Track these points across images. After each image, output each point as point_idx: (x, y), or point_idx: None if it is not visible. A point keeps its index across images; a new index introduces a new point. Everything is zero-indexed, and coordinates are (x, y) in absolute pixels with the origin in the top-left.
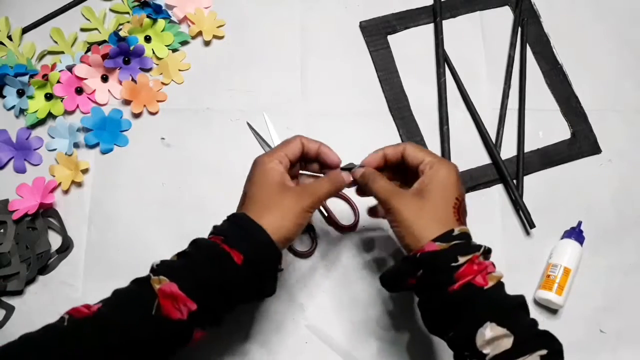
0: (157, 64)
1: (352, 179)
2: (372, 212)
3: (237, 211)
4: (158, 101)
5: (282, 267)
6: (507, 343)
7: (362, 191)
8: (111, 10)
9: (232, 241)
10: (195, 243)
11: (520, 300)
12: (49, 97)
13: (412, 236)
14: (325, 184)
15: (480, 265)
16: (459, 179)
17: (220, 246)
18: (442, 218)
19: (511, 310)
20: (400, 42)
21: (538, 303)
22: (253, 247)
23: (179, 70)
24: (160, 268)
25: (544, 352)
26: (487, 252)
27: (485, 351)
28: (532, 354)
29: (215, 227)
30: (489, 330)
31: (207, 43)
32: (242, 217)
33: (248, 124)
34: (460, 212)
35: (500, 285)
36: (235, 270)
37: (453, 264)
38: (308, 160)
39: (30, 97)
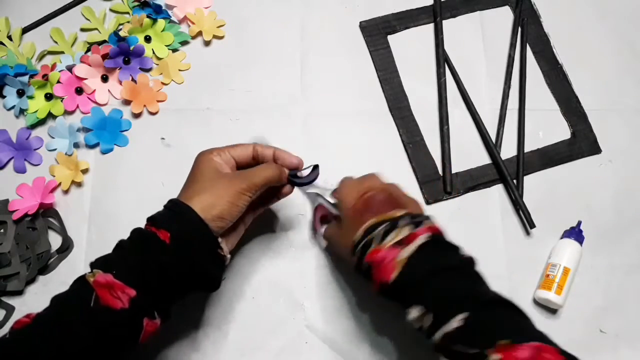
0: (157, 64)
1: (286, 174)
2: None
3: None
4: (158, 101)
5: (225, 253)
6: (428, 319)
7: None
8: (111, 10)
9: (159, 223)
10: (129, 235)
11: (435, 265)
12: (49, 97)
13: (347, 258)
14: (262, 172)
15: (377, 261)
16: (360, 182)
17: (148, 229)
18: (349, 233)
19: (424, 285)
20: (400, 42)
21: (538, 303)
22: (179, 224)
23: (179, 70)
24: (95, 264)
25: (464, 315)
26: (394, 226)
27: (426, 332)
28: (449, 322)
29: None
30: (410, 314)
31: (207, 43)
32: (170, 201)
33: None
34: (364, 210)
35: (406, 265)
36: (163, 248)
37: (366, 270)
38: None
39: (30, 97)
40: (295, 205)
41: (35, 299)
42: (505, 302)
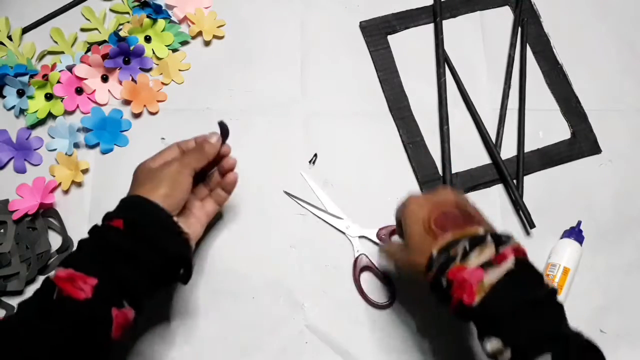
0: (157, 64)
1: (219, 142)
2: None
3: None
4: (158, 101)
5: (187, 232)
6: (507, 355)
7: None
8: (111, 10)
9: (112, 214)
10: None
11: (523, 301)
12: (49, 97)
13: (418, 276)
14: (190, 151)
15: (462, 280)
16: (422, 201)
17: (102, 223)
18: (422, 249)
19: (506, 319)
20: (400, 42)
21: None
22: (130, 210)
23: (179, 70)
24: (58, 264)
25: (545, 357)
26: (477, 242)
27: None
28: None
29: None
30: (489, 345)
31: (207, 43)
32: (123, 198)
33: (285, 192)
34: (439, 225)
35: (492, 292)
36: (118, 234)
37: (445, 287)
38: (207, 167)
39: (31, 97)
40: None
41: None
42: (594, 349)
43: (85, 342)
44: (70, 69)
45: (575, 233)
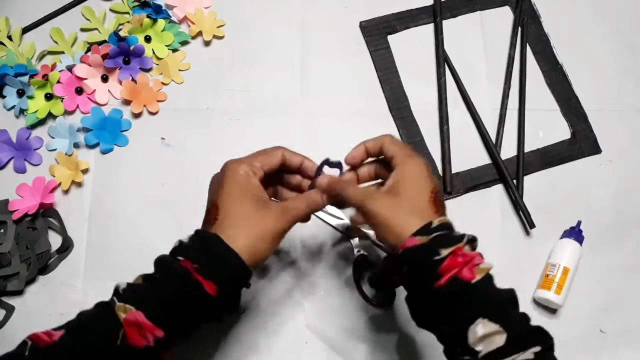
0: (157, 64)
1: (324, 200)
2: (353, 220)
3: (205, 225)
4: (158, 101)
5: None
6: (500, 340)
7: (337, 203)
8: (111, 10)
9: (206, 271)
10: (163, 265)
11: (511, 295)
12: (49, 97)
13: (393, 234)
14: (302, 204)
15: (465, 257)
16: (431, 172)
17: (193, 276)
18: (419, 211)
19: (502, 305)
20: (400, 42)
21: (537, 303)
22: (228, 278)
23: (179, 70)
24: (126, 293)
25: (537, 349)
26: (472, 240)
27: (477, 348)
28: (525, 351)
29: (182, 245)
30: (481, 327)
31: (207, 43)
32: (215, 242)
33: (316, 216)
34: (437, 204)
35: (489, 277)
36: (207, 301)
37: (436, 258)
38: (289, 172)
39: (31, 97)
40: None
41: (35, 299)
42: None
43: None
44: (70, 69)
45: (575, 233)
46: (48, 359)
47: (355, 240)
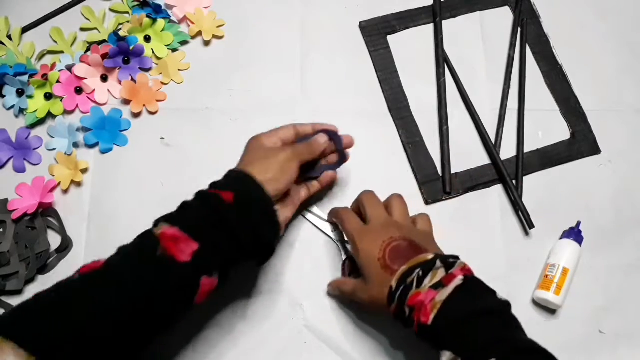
0: (156, 64)
1: (326, 144)
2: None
3: None
4: (157, 101)
5: (280, 222)
6: None
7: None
8: (111, 10)
9: (222, 185)
10: (194, 196)
11: (470, 310)
12: (48, 96)
13: (381, 310)
14: (303, 143)
15: (419, 302)
16: (378, 232)
17: (210, 190)
18: (382, 283)
19: (457, 328)
20: (400, 42)
21: (536, 303)
22: (240, 185)
23: (179, 70)
24: (160, 219)
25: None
26: (428, 269)
27: None
28: None
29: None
30: (445, 358)
31: (206, 43)
32: (232, 170)
33: (304, 216)
34: (391, 260)
35: (445, 308)
36: (227, 207)
37: (408, 315)
38: (311, 164)
39: (30, 97)
40: None
41: None
42: (539, 350)
43: (174, 302)
44: (69, 68)
45: (574, 233)
46: (96, 279)
47: (341, 244)
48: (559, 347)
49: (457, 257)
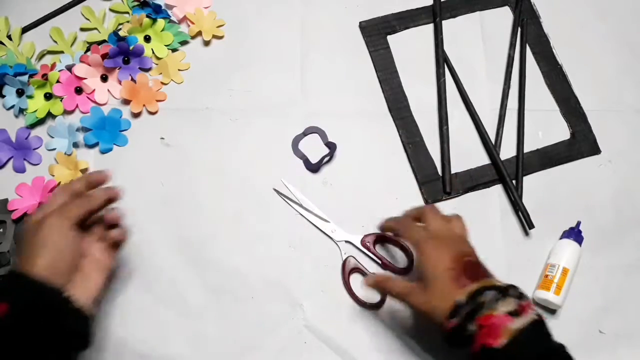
0: (156, 64)
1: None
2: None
3: None
4: (157, 101)
5: (82, 304)
6: None
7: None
8: (111, 10)
9: None
10: None
11: (545, 348)
12: (48, 96)
13: (435, 321)
14: (77, 202)
15: (490, 325)
16: (448, 244)
17: None
18: (448, 294)
19: None
20: (400, 42)
21: (537, 303)
22: (13, 290)
23: (179, 70)
24: None
25: None
26: (503, 295)
27: None
28: None
29: None
30: None
31: (206, 43)
32: (11, 270)
33: (275, 190)
34: (462, 274)
35: (522, 335)
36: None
37: (468, 334)
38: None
39: (30, 97)
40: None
41: None
42: None
43: None
44: (69, 68)
45: (574, 233)
46: None
47: (342, 243)
48: None
49: (516, 287)
